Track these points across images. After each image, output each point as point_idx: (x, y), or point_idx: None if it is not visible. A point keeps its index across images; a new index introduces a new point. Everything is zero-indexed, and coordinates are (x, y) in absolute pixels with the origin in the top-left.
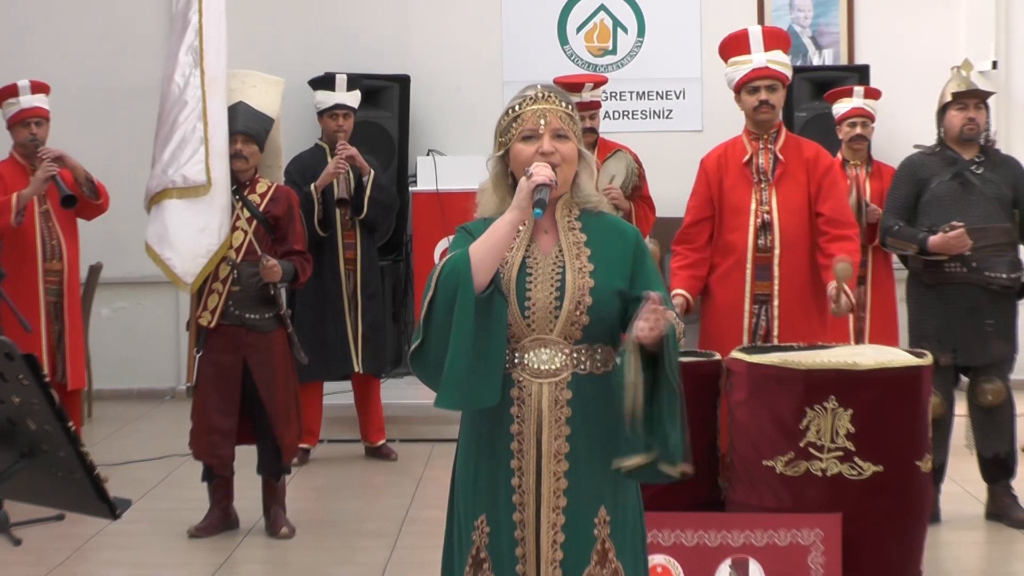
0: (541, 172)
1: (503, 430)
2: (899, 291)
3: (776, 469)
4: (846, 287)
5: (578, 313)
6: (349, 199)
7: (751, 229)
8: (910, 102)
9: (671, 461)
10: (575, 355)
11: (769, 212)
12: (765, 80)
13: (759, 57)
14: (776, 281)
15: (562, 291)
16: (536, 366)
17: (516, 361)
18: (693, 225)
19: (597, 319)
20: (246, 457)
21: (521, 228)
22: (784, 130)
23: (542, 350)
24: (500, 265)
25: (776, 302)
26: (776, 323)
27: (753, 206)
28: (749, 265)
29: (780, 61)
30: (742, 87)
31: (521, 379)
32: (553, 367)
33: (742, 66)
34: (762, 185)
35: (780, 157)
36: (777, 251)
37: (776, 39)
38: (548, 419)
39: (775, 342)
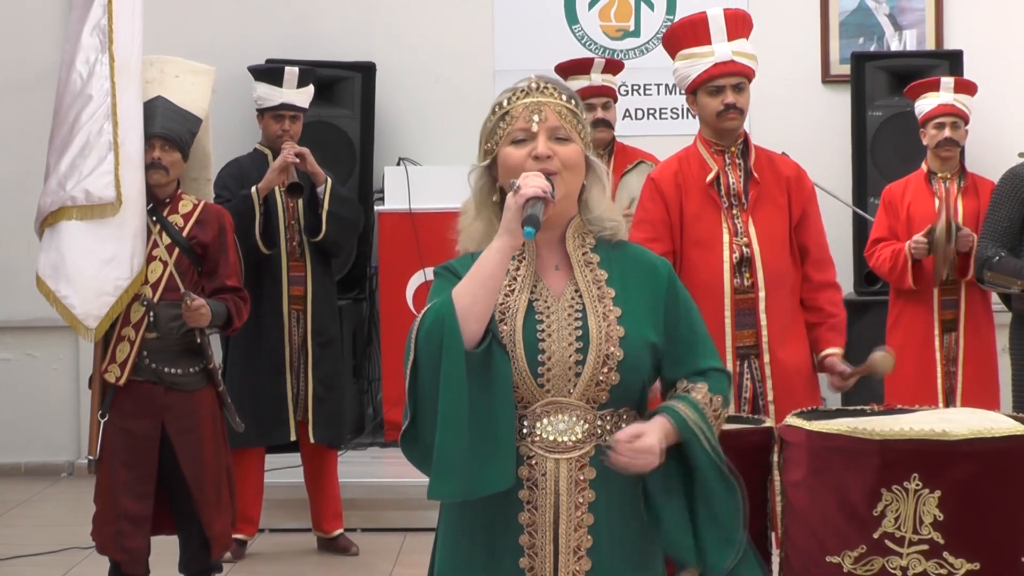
0: (531, 183)
1: (509, 520)
2: (1000, 339)
3: (843, 567)
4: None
5: (606, 370)
6: (303, 186)
7: (726, 266)
8: (1015, 99)
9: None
10: (599, 423)
11: (748, 244)
12: (732, 78)
13: (722, 48)
14: (764, 330)
15: (585, 342)
16: (551, 437)
17: (525, 432)
18: None
19: (628, 377)
20: (165, 551)
21: (520, 263)
22: (752, 141)
23: (558, 417)
24: (499, 311)
25: (766, 358)
26: (769, 384)
27: (726, 237)
28: (728, 311)
29: (746, 52)
30: (700, 86)
31: (532, 454)
32: (573, 438)
33: (701, 60)
34: (734, 211)
35: (755, 175)
36: (762, 293)
37: (740, 24)
38: (567, 505)
39: (768, 408)
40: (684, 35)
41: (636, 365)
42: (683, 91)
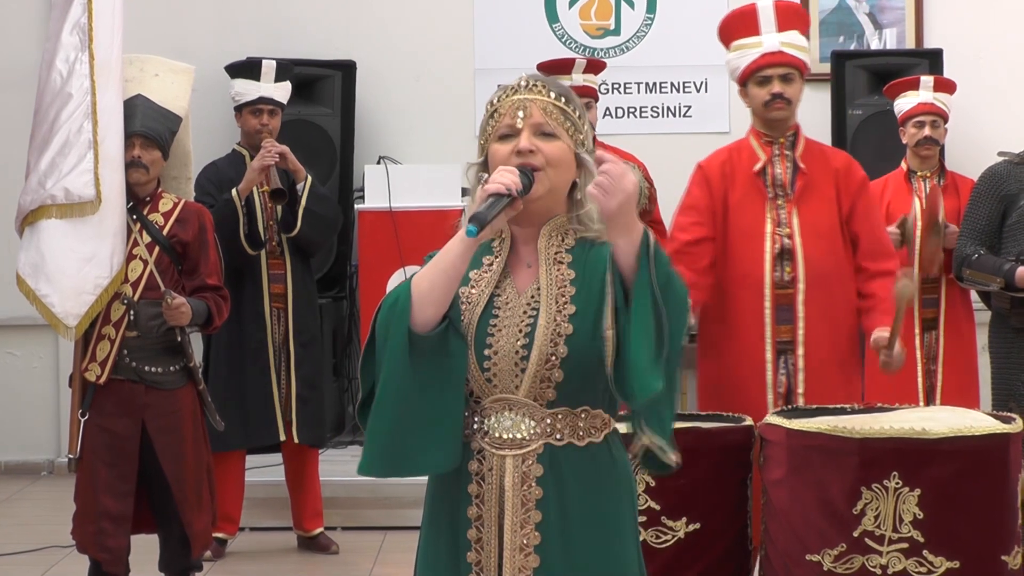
0: (498, 178)
1: (461, 514)
2: (980, 337)
3: (823, 565)
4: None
5: (549, 367)
6: (286, 191)
7: (767, 257)
8: (994, 97)
9: (664, 437)
10: (548, 421)
11: (790, 236)
12: (779, 68)
13: (771, 39)
14: (801, 324)
15: (531, 338)
16: (498, 434)
17: (476, 427)
18: (694, 244)
19: (576, 375)
20: (145, 549)
21: (495, 259)
22: (802, 133)
23: (505, 414)
24: (464, 305)
25: (801, 351)
26: (801, 378)
27: (769, 228)
28: (768, 303)
29: (797, 44)
30: (749, 77)
31: (481, 449)
32: (519, 435)
33: (749, 51)
34: (779, 202)
35: (801, 166)
36: (801, 286)
37: (792, 17)
38: (512, 501)
39: (799, 403)
40: (735, 27)
41: (584, 364)
42: (736, 83)
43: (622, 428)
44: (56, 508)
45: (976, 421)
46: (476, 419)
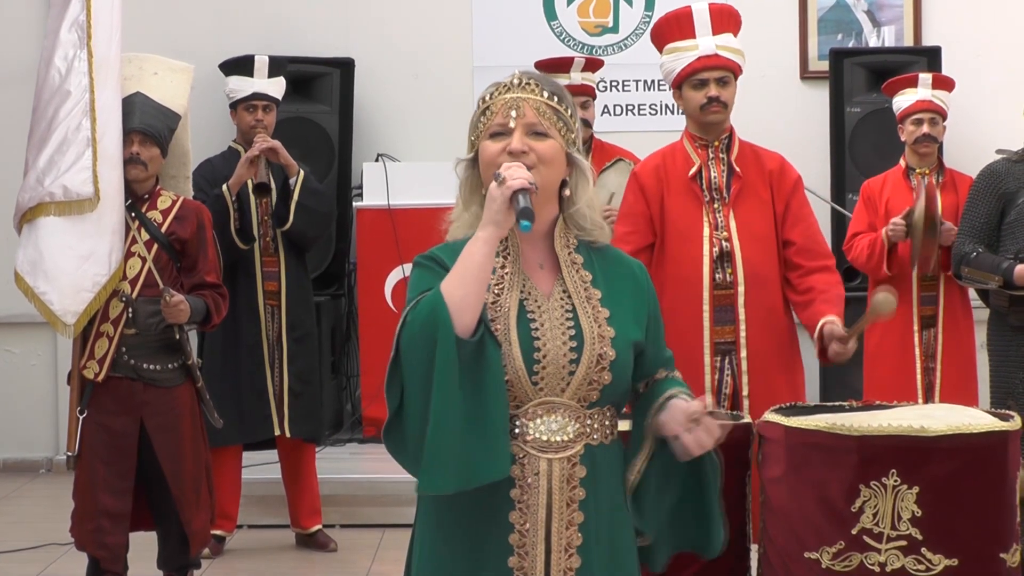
0: (516, 174)
1: (499, 519)
2: (979, 335)
3: (822, 563)
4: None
5: (599, 369)
6: (271, 185)
7: (706, 260)
8: (992, 95)
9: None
10: (588, 422)
11: (728, 238)
12: (715, 71)
13: (707, 42)
14: (742, 325)
15: (579, 342)
16: (544, 438)
17: (517, 432)
18: (632, 255)
19: (619, 377)
20: (143, 547)
21: (506, 260)
22: (736, 135)
23: (551, 417)
24: (491, 310)
25: (744, 352)
26: (745, 379)
27: (706, 231)
28: (706, 306)
29: (731, 47)
30: (684, 80)
31: (524, 454)
32: (564, 438)
33: (684, 54)
34: (715, 205)
35: (736, 169)
36: (741, 287)
37: (726, 19)
38: (558, 504)
39: (744, 404)
40: (669, 29)
41: (625, 365)
42: (669, 86)
43: (622, 426)
44: (55, 505)
45: (975, 419)
46: (517, 423)
